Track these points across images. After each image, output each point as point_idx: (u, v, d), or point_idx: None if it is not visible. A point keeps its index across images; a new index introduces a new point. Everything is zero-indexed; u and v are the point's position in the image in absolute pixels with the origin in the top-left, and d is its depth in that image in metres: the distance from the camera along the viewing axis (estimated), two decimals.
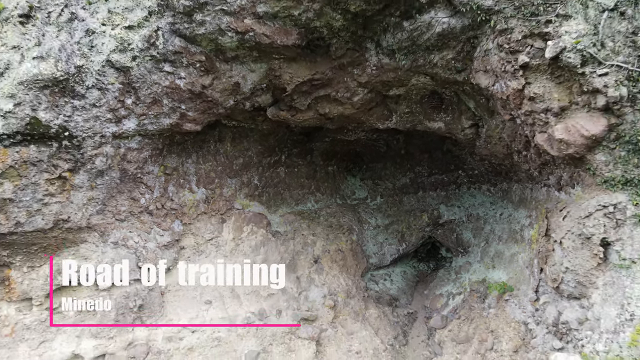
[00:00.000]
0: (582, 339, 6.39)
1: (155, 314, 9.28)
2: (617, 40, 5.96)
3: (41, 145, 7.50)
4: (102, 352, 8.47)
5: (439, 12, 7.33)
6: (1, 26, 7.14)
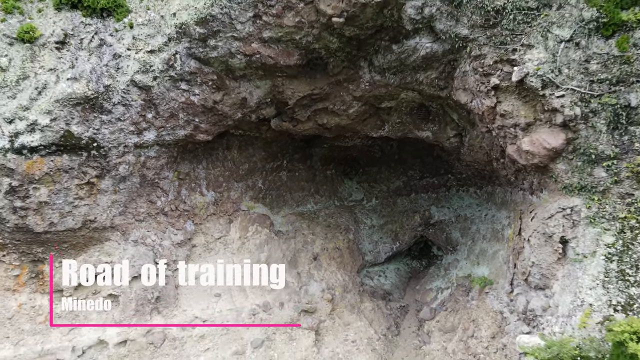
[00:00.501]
0: (543, 323, 7.36)
1: (170, 305, 10.26)
2: (572, 67, 6.94)
3: (73, 155, 8.48)
4: (124, 339, 9.44)
5: (423, 38, 8.31)
6: (39, 51, 8.13)
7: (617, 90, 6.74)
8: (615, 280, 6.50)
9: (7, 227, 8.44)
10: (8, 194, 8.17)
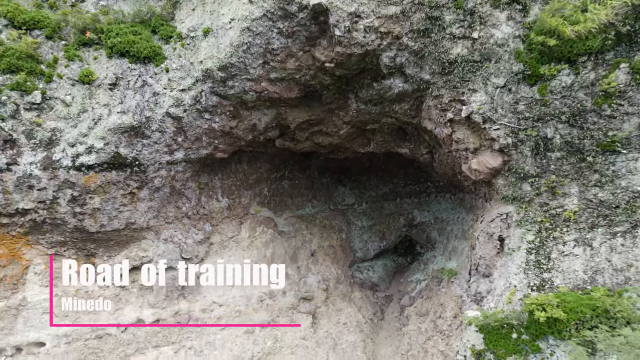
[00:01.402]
0: (486, 301, 9.45)
1: (193, 292, 12.36)
2: (505, 107, 9.07)
3: (119, 171, 10.61)
4: (157, 318, 11.55)
5: (396, 79, 10.44)
6: (95, 90, 10.25)
7: (537, 126, 8.88)
8: (533, 268, 8.61)
9: (68, 227, 10.56)
10: (70, 202, 10.29)
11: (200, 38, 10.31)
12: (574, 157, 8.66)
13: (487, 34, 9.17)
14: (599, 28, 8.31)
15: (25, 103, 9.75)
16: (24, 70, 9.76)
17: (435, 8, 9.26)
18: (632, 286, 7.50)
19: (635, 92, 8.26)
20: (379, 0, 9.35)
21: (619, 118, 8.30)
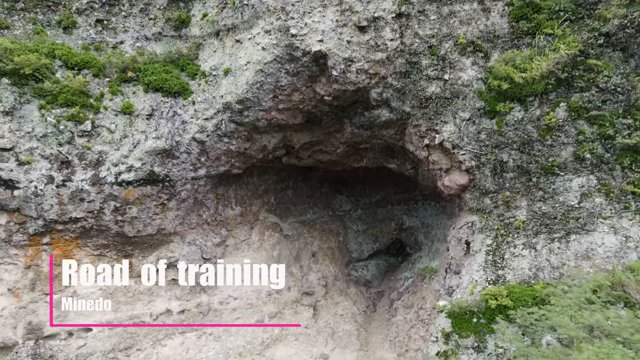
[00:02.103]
0: (455, 294, 11.45)
1: (212, 287, 14.35)
2: (470, 136, 11.09)
3: (153, 186, 12.62)
4: (182, 309, 13.55)
5: (383, 110, 12.46)
6: (134, 120, 12.26)
7: (495, 152, 10.90)
8: (490, 266, 10.62)
9: (111, 233, 12.57)
10: (113, 212, 12.31)
11: (221, 76, 12.34)
12: (524, 177, 10.68)
13: (455, 76, 11.20)
14: (542, 74, 10.35)
15: (78, 131, 11.78)
16: (78, 104, 11.79)
17: (414, 55, 11.30)
18: (563, 280, 9.50)
19: (571, 126, 10.29)
20: (368, 47, 11.39)
21: (557, 147, 10.33)
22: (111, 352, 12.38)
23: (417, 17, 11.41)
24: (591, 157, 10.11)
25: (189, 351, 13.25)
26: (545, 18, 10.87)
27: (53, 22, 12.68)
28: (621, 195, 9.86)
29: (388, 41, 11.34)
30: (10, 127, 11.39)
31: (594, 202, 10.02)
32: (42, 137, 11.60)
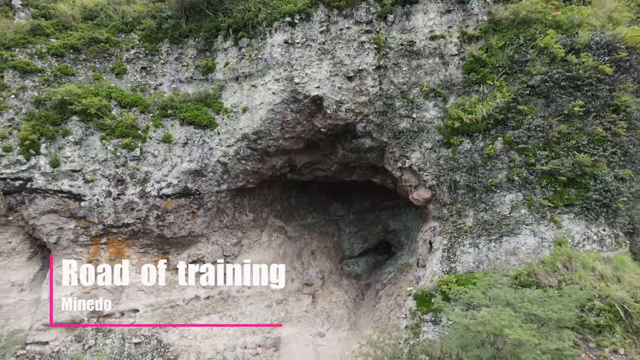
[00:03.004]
0: (421, 282, 14.64)
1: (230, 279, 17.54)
2: (431, 162, 14.31)
3: (186, 198, 15.83)
4: (208, 295, 16.75)
5: (366, 139, 15.68)
6: (172, 147, 15.47)
7: (450, 174, 14.11)
8: (446, 260, 13.81)
9: (153, 235, 15.78)
10: (155, 218, 15.51)
11: (240, 113, 15.58)
12: (471, 193, 13.89)
13: (421, 115, 14.44)
14: (484, 116, 13.58)
15: (130, 156, 15.01)
16: (130, 135, 15.03)
17: (389, 98, 14.55)
18: (495, 270, 12.68)
19: (505, 155, 13.51)
20: (354, 92, 14.64)
21: (495, 171, 13.55)
22: (154, 328, 15.58)
23: (393, 68, 14.65)
24: (519, 179, 13.33)
25: (213, 329, 16.46)
26: (489, 71, 14.12)
27: (108, 69, 15.92)
28: (540, 208, 13.09)
29: (370, 87, 14.58)
30: (79, 154, 14.63)
31: (520, 213, 13.24)
32: (103, 161, 14.83)
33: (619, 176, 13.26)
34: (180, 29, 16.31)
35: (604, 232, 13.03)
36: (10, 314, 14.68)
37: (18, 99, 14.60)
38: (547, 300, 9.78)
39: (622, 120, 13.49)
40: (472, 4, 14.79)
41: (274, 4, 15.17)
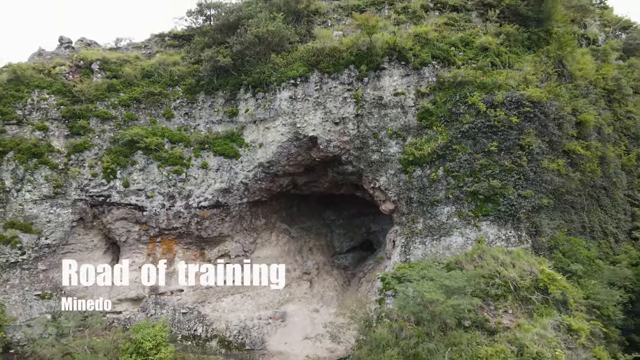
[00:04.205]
0: (386, 269, 20.03)
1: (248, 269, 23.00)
2: (394, 183, 19.78)
3: (218, 209, 21.29)
4: (233, 279, 22.19)
5: (349, 166, 21.11)
6: (208, 171, 20.93)
7: (407, 192, 19.58)
8: (403, 254, 19.21)
9: (194, 236, 21.21)
10: (196, 224, 20.96)
11: (257, 147, 21.02)
12: (421, 206, 19.35)
13: (386, 150, 19.89)
14: (429, 152, 19.03)
15: (178, 179, 20.46)
16: (178, 164, 20.47)
17: (364, 138, 20.00)
18: (435, 259, 18.09)
19: (444, 180, 18.97)
20: (339, 133, 20.10)
21: (437, 191, 19.01)
22: (194, 303, 21.01)
23: (367, 116, 20.11)
24: (453, 197, 18.79)
25: (236, 305, 21.89)
26: (435, 119, 19.58)
27: (160, 114, 21.37)
28: (466, 217, 18.55)
29: (350, 130, 20.05)
30: (143, 177, 20.07)
31: (453, 220, 18.70)
32: (159, 183, 20.29)
33: (522, 195, 18.76)
34: (212, 84, 21.74)
35: (510, 234, 18.53)
36: (92, 291, 20.08)
37: (100, 139, 20.06)
38: (453, 276, 15.24)
39: (525, 155, 18.99)
40: (424, 70, 20.30)
41: (282, 70, 20.61)
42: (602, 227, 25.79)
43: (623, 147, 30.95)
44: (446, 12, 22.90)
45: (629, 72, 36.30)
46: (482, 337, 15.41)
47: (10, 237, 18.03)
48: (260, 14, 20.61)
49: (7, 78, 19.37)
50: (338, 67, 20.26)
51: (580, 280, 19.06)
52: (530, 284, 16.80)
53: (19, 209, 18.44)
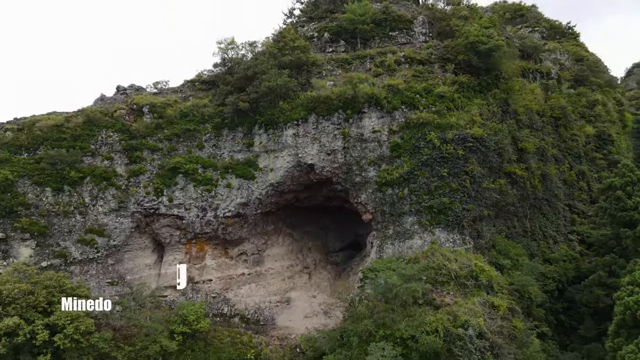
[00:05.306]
0: (366, 264, 26.06)
1: (260, 264, 29.13)
2: (371, 199, 25.93)
3: (238, 218, 27.43)
4: (249, 272, 28.31)
5: (338, 186, 27.22)
6: (231, 189, 27.06)
7: (382, 206, 25.71)
8: (378, 252, 25.26)
9: (220, 238, 27.32)
10: (221, 230, 27.09)
11: (268, 171, 27.13)
12: (392, 217, 25.47)
13: (367, 174, 26.03)
14: (398, 177, 25.16)
15: (209, 195, 26.58)
16: (208, 184, 26.61)
17: (350, 165, 26.15)
18: (401, 256, 24.18)
19: (409, 197, 25.13)
20: (331, 161, 26.27)
21: (403, 205, 25.14)
22: (221, 289, 27.11)
23: (352, 148, 26.26)
24: (414, 210, 24.91)
25: (252, 291, 27.98)
26: (402, 152, 25.71)
27: (194, 146, 27.44)
28: (425, 225, 24.68)
29: (339, 159, 26.20)
30: (182, 195, 26.22)
31: (415, 227, 24.81)
32: (195, 198, 26.42)
33: (466, 208, 24.91)
34: (234, 122, 27.78)
35: (456, 237, 24.67)
36: (145, 280, 26.15)
37: (151, 165, 26.16)
38: (408, 267, 21.39)
39: (469, 178, 25.15)
40: (395, 113, 26.44)
41: (287, 113, 26.68)
42: (542, 231, 31.96)
43: (567, 165, 37.10)
44: (414, 65, 29.01)
45: (577, 99, 42.33)
46: (430, 311, 21.48)
47: (89, 239, 24.10)
48: (271, 71, 26.69)
49: (82, 120, 25.46)
50: (330, 111, 26.40)
51: (510, 272, 25.19)
52: (466, 273, 22.91)
53: (94, 219, 24.53)
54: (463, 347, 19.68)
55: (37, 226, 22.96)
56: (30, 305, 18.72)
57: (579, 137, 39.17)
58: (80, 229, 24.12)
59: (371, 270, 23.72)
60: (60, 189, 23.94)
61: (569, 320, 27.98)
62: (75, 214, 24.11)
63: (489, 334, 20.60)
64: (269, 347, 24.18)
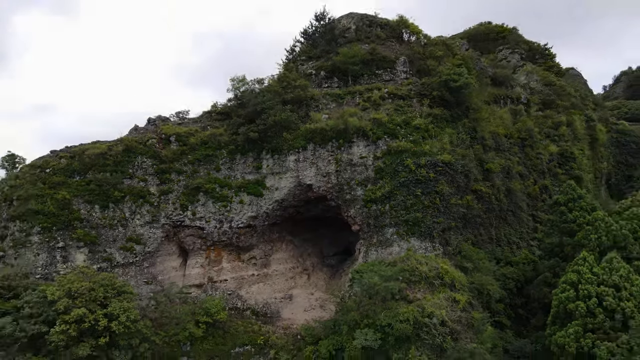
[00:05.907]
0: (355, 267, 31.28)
1: (267, 266, 34.42)
2: (359, 213, 31.23)
3: (249, 228, 32.70)
4: (258, 273, 33.60)
5: (332, 202, 32.50)
6: (243, 205, 32.37)
7: (368, 219, 31.04)
8: (364, 257, 30.48)
9: (234, 245, 32.59)
10: (236, 238, 32.37)
11: (274, 190, 32.42)
12: (376, 228, 30.73)
13: (354, 193, 31.37)
14: (380, 195, 30.49)
15: (225, 210, 31.85)
16: (225, 200, 31.90)
17: (342, 185, 31.51)
18: (382, 260, 29.45)
19: (389, 212, 30.46)
20: (326, 182, 31.62)
21: (385, 219, 30.42)
22: (235, 288, 32.37)
23: (344, 170, 31.61)
24: (394, 222, 30.20)
25: (261, 289, 33.24)
26: (385, 174, 31.05)
27: (212, 168, 32.68)
28: (402, 235, 29.98)
29: (333, 180, 31.54)
30: (203, 209, 31.51)
31: (394, 237, 30.08)
32: (213, 213, 31.73)
33: (436, 221, 30.23)
34: (245, 149, 33.00)
35: (427, 245, 29.98)
36: (173, 279, 31.35)
37: (178, 185, 31.45)
38: (387, 269, 26.70)
39: (439, 197, 30.48)
40: (379, 142, 31.77)
41: (290, 142, 31.98)
42: (507, 238, 37.29)
43: (532, 180, 42.36)
44: (396, 100, 34.32)
45: (544, 121, 47.58)
46: (404, 305, 26.70)
47: (129, 246, 29.37)
48: (276, 106, 32.00)
49: (122, 149, 30.76)
50: (325, 140, 31.72)
51: (472, 273, 30.46)
52: (434, 274, 28.17)
53: (133, 230, 29.79)
54: (429, 332, 24.95)
55: (89, 236, 28.26)
56: (91, 299, 23.95)
57: (544, 155, 44.35)
58: (122, 238, 29.41)
59: (358, 272, 28.97)
60: (107, 206, 29.23)
61: (526, 314, 33.28)
62: (118, 226, 29.40)
63: (449, 322, 25.88)
64: (275, 335, 29.50)
